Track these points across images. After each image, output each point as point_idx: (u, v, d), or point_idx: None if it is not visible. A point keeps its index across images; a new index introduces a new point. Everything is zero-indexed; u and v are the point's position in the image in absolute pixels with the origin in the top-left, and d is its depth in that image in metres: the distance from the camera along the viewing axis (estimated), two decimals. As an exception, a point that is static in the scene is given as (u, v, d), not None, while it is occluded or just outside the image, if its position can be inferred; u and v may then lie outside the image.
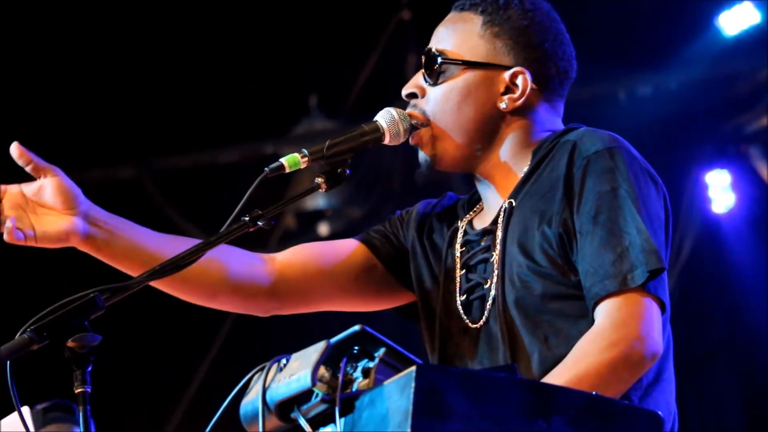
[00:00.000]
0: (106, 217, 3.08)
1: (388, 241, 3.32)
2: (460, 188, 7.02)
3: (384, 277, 3.32)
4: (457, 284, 3.13)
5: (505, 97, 3.13)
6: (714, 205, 7.62)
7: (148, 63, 7.31)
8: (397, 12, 7.40)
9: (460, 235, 3.18)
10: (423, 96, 3.17)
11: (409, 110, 3.17)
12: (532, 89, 3.13)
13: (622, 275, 2.83)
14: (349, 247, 3.32)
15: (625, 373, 2.80)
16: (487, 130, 3.14)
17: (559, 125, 3.18)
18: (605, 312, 2.83)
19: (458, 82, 3.15)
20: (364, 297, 3.34)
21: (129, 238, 3.09)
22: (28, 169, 2.98)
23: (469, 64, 3.14)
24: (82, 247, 3.05)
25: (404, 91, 3.19)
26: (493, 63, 3.14)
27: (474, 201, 3.27)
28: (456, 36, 3.19)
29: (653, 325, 2.83)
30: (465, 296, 3.10)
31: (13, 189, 2.99)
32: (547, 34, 3.16)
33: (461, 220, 3.23)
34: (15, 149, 2.96)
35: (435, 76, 3.15)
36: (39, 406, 4.38)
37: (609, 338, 2.79)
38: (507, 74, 3.13)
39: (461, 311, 3.09)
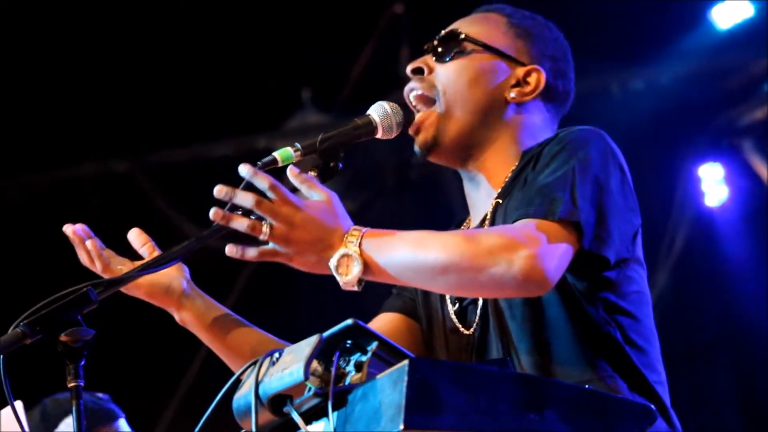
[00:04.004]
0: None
1: (406, 293, 3.28)
2: (452, 183, 7.04)
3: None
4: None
5: (515, 90, 3.16)
6: (707, 199, 7.62)
7: (141, 57, 7.31)
8: (390, 5, 7.40)
9: None
10: (430, 73, 3.19)
11: (411, 87, 3.19)
12: (541, 91, 3.17)
13: (551, 208, 2.79)
14: (389, 324, 3.26)
15: (483, 260, 2.67)
16: (489, 116, 3.16)
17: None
18: (523, 223, 2.79)
19: (474, 62, 3.18)
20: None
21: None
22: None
23: (488, 48, 3.18)
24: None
25: (410, 67, 3.21)
26: (511, 55, 3.19)
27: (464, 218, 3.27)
28: (479, 25, 3.24)
29: (559, 258, 2.74)
30: (458, 304, 3.10)
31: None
32: (561, 53, 3.25)
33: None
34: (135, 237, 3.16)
35: (450, 53, 3.18)
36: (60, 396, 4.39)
37: (504, 235, 2.72)
38: (522, 70, 3.18)
39: (455, 320, 3.09)
